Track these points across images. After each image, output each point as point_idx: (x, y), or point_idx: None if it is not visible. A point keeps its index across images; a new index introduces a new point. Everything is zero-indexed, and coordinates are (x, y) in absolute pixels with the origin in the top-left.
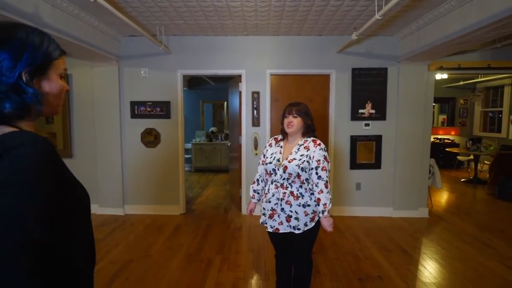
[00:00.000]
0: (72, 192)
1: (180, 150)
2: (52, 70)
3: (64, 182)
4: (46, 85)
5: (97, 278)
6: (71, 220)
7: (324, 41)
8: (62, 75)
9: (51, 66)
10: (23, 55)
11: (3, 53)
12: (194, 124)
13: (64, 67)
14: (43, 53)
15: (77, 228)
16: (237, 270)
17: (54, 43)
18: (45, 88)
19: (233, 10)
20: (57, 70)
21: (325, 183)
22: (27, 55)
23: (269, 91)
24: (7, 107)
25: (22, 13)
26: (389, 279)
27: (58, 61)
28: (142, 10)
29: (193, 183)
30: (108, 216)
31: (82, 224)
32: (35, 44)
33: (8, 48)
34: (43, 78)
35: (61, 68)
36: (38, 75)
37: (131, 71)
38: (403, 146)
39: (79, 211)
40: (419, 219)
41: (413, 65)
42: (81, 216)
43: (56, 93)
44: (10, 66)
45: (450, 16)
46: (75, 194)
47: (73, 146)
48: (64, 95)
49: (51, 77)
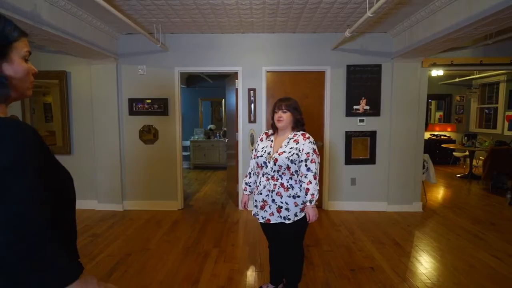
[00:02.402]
0: (57, 173)
1: (178, 146)
2: (13, 53)
3: (50, 161)
4: (8, 68)
5: (96, 270)
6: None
7: (319, 38)
8: (26, 58)
9: (11, 49)
10: None
11: None
12: (193, 121)
13: (28, 50)
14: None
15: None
16: (233, 262)
17: (11, 24)
18: (8, 72)
19: (229, 8)
20: (19, 52)
21: (313, 174)
22: None
23: (265, 88)
24: None
25: (20, 11)
26: (381, 270)
27: (19, 43)
28: (139, 8)
29: (192, 180)
30: (107, 212)
31: (61, 209)
32: None
33: None
34: (3, 62)
35: (23, 50)
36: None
37: (129, 68)
38: (398, 142)
39: (63, 194)
40: (413, 213)
41: (406, 62)
42: (63, 199)
43: (22, 76)
44: None
45: (440, 13)
46: (59, 176)
47: (72, 143)
48: (32, 77)
49: (13, 60)
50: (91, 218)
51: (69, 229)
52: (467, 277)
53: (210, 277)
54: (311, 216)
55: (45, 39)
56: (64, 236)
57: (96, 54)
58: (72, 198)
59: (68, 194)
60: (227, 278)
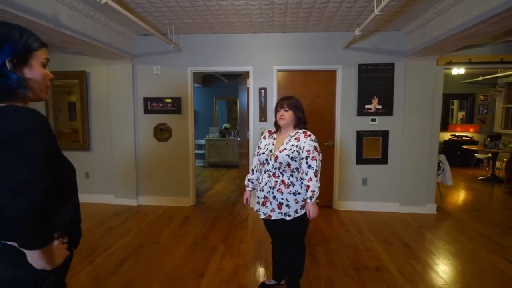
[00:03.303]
0: (60, 162)
1: (190, 144)
2: (34, 60)
3: (55, 150)
4: (28, 72)
5: (108, 260)
6: (57, 189)
7: (330, 37)
8: (44, 64)
9: (32, 56)
10: (5, 47)
11: None
12: (208, 120)
13: (46, 57)
14: (23, 45)
15: (63, 197)
16: (239, 257)
17: (34, 36)
18: (28, 75)
19: (238, 8)
20: (38, 59)
21: (314, 172)
22: (8, 47)
23: (276, 87)
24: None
25: (41, 16)
26: (386, 270)
27: (39, 51)
28: (152, 10)
29: (206, 177)
30: (123, 206)
31: (66, 194)
32: (15, 38)
33: None
34: (25, 66)
35: (42, 57)
36: (20, 64)
37: (144, 68)
38: (411, 142)
39: (66, 181)
40: (426, 215)
41: (420, 60)
42: (67, 186)
43: (39, 79)
44: None
45: (453, 9)
46: (62, 165)
47: (91, 140)
48: (48, 82)
49: (33, 65)
50: (107, 212)
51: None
52: (477, 280)
53: (215, 271)
54: (311, 213)
55: (64, 41)
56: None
57: (112, 55)
58: (74, 185)
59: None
60: (232, 273)
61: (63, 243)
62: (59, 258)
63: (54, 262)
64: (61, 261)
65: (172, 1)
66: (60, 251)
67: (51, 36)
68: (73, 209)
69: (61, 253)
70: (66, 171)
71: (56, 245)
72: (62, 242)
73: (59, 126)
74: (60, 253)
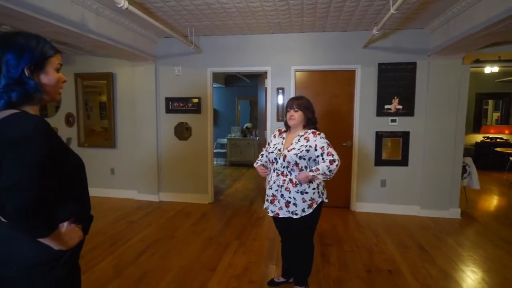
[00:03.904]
0: (67, 157)
1: (209, 143)
2: (49, 66)
3: (58, 147)
4: (44, 77)
5: (128, 252)
6: (67, 181)
7: (349, 37)
8: (58, 69)
9: (47, 63)
10: (24, 55)
11: (9, 54)
12: (230, 120)
13: (60, 63)
14: (39, 52)
15: (73, 188)
16: (251, 254)
17: (49, 44)
18: (43, 80)
19: (254, 10)
20: (52, 65)
21: (330, 160)
22: (27, 55)
23: (294, 87)
24: (14, 96)
25: (70, 22)
26: (399, 273)
27: (53, 58)
28: (172, 13)
29: (226, 176)
30: (144, 202)
31: (76, 185)
32: (32, 46)
33: (13, 51)
34: (41, 72)
35: (56, 63)
36: (37, 70)
37: (166, 69)
38: (433, 143)
39: (75, 174)
40: (449, 220)
41: (445, 59)
42: (76, 178)
43: (53, 84)
44: (15, 64)
45: (479, 5)
46: (69, 160)
47: (116, 138)
48: (61, 85)
49: (48, 71)
50: (130, 206)
51: (80, 203)
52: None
53: (227, 266)
54: (300, 177)
55: (92, 45)
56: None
57: (137, 57)
58: (83, 177)
59: (78, 175)
60: (243, 269)
61: (78, 227)
62: (74, 240)
63: (68, 244)
64: (75, 243)
65: (191, 4)
66: (75, 234)
67: (80, 41)
68: (82, 199)
69: (76, 235)
70: (74, 166)
71: (70, 229)
72: (78, 226)
73: (92, 125)
74: (74, 236)
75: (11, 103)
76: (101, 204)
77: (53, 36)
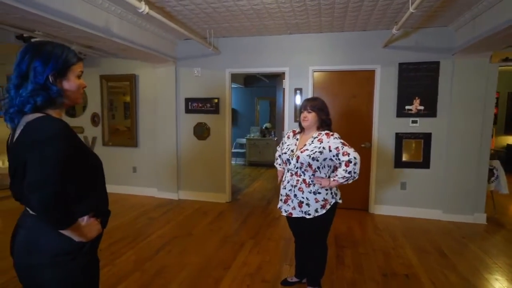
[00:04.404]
0: (86, 157)
1: (227, 143)
2: (71, 73)
3: (78, 148)
4: (66, 84)
5: (147, 247)
6: (85, 179)
7: (369, 36)
8: (79, 76)
9: (70, 70)
10: (50, 62)
11: (37, 61)
12: (249, 120)
13: (81, 70)
14: (63, 60)
15: (92, 185)
16: (265, 254)
17: (72, 52)
18: (65, 86)
19: (272, 11)
20: (74, 72)
21: (345, 162)
22: (52, 63)
23: (312, 88)
24: (39, 100)
25: (94, 27)
26: (417, 278)
27: (75, 66)
28: (191, 16)
29: (245, 176)
30: (165, 200)
31: (94, 183)
32: (57, 54)
33: (41, 58)
34: (64, 79)
35: (77, 70)
36: (60, 77)
37: (186, 70)
38: (457, 145)
39: (93, 173)
40: (473, 225)
41: (470, 57)
42: (94, 176)
43: (74, 89)
44: (41, 71)
45: (506, 0)
46: (88, 160)
47: (138, 138)
48: (82, 90)
49: (70, 78)
50: (150, 204)
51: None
52: None
53: (241, 264)
54: (321, 179)
55: (115, 48)
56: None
57: (158, 59)
58: (100, 176)
59: (96, 173)
60: (257, 268)
61: (97, 221)
62: (93, 233)
63: (87, 236)
64: (94, 236)
65: (209, 7)
66: (94, 227)
67: (104, 45)
68: (100, 195)
69: (94, 229)
70: (92, 166)
71: (90, 223)
72: (97, 219)
73: (116, 124)
74: (93, 229)
75: (36, 107)
76: (124, 201)
77: (81, 41)
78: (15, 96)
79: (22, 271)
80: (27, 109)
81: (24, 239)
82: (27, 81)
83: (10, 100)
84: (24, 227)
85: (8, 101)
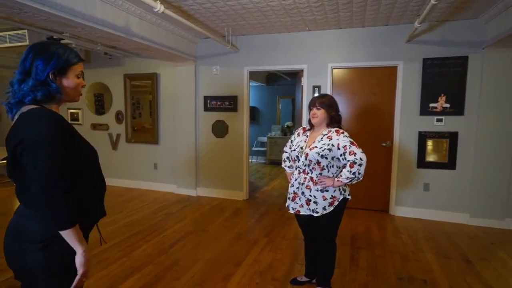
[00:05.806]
0: (78, 155)
1: (244, 140)
2: (70, 72)
3: (70, 146)
4: (65, 81)
5: (161, 242)
6: (80, 168)
7: (391, 31)
8: (79, 75)
9: (70, 69)
10: (51, 61)
11: (39, 60)
12: (271, 118)
13: (81, 70)
14: (64, 60)
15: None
16: (277, 252)
17: (73, 53)
18: (64, 84)
19: (288, 8)
20: (74, 71)
21: (350, 163)
22: (53, 62)
23: (331, 85)
24: (39, 95)
25: (115, 27)
26: (435, 284)
27: (76, 65)
28: (208, 15)
29: (265, 174)
30: (183, 196)
31: (87, 172)
32: (59, 54)
33: (43, 57)
34: (63, 77)
35: (78, 70)
36: (60, 75)
37: (205, 69)
38: (487, 145)
39: (88, 162)
40: (504, 231)
41: (503, 52)
42: (88, 166)
43: (73, 87)
44: (42, 69)
45: None
46: (83, 150)
47: (160, 135)
48: (81, 88)
49: (69, 77)
50: (169, 200)
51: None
52: None
53: (252, 262)
54: (325, 179)
55: (136, 47)
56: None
57: (178, 58)
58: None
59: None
60: (268, 265)
61: None
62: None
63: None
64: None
65: (225, 5)
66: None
67: (125, 44)
68: (95, 180)
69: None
70: (85, 163)
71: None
72: None
73: (142, 122)
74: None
75: (36, 101)
76: (144, 196)
77: (103, 41)
78: (18, 90)
79: (11, 256)
80: (27, 100)
81: (14, 225)
82: (29, 77)
83: (13, 93)
84: (16, 213)
85: (12, 94)
